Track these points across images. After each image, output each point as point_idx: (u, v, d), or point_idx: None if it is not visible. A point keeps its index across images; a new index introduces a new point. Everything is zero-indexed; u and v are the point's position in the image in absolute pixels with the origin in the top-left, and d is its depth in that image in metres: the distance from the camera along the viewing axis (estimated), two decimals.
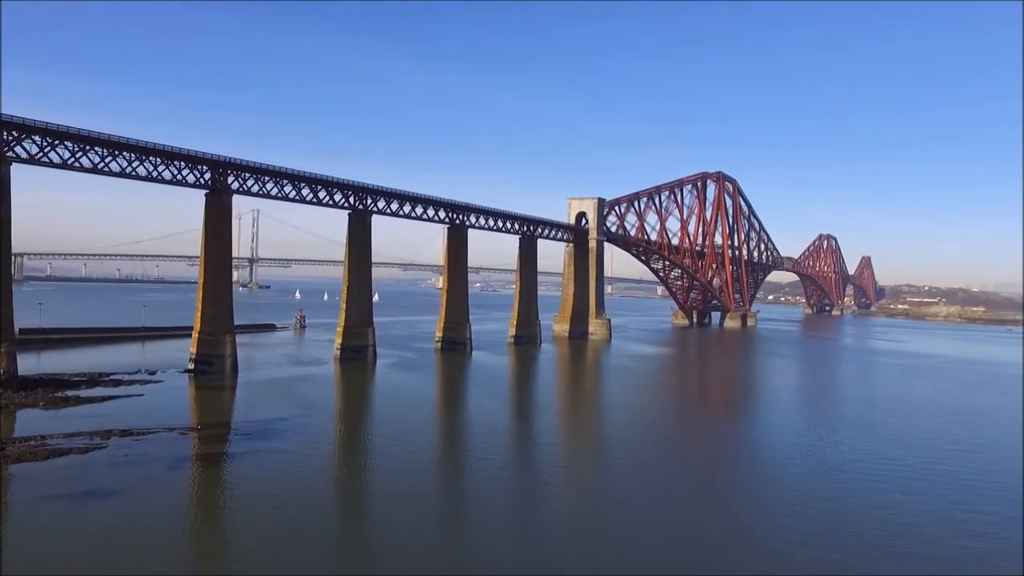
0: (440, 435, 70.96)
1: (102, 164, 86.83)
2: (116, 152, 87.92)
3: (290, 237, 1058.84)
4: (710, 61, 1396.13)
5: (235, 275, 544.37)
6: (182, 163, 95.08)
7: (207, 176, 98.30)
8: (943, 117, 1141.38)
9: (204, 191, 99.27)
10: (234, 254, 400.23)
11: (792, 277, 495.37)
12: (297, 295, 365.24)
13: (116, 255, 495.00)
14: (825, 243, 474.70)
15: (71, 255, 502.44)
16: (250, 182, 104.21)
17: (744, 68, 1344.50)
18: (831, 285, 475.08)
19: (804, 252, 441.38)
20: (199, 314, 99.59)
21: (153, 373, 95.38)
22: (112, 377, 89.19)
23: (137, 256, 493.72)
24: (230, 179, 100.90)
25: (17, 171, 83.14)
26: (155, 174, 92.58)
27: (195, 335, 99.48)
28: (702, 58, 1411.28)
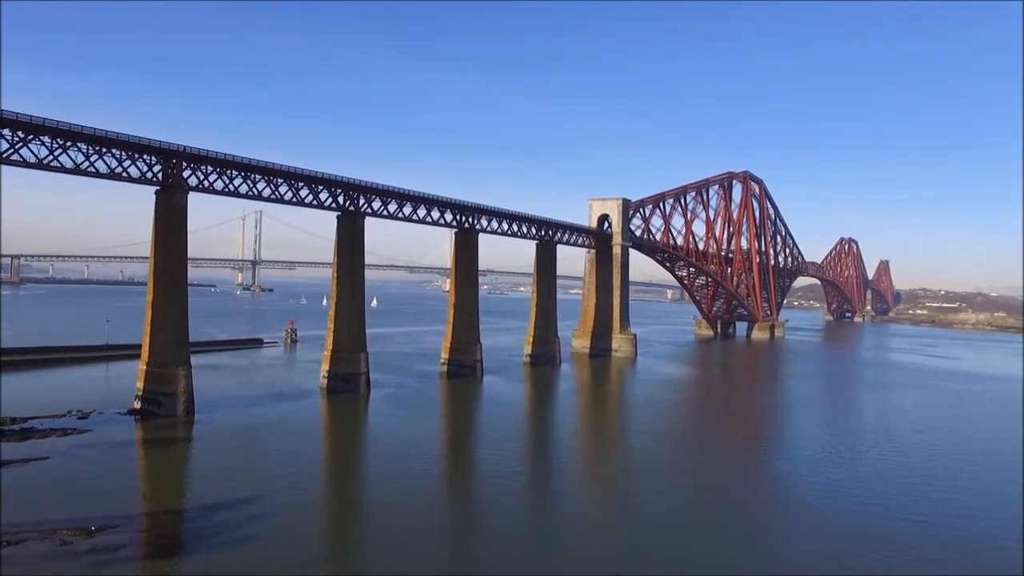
0: (445, 526, 51.21)
1: (10, 151, 67.25)
2: (29, 136, 68.46)
3: (294, 238, 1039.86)
4: (723, 64, 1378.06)
5: (238, 277, 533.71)
6: (122, 152, 75.58)
7: (156, 169, 78.83)
8: (945, 119, 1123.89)
9: (155, 188, 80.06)
10: (237, 256, 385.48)
11: (806, 281, 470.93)
12: (303, 300, 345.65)
13: (118, 257, 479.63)
14: (847, 247, 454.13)
15: (70, 257, 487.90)
16: (212, 177, 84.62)
17: (757, 72, 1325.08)
18: (853, 291, 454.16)
19: (827, 256, 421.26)
20: (147, 339, 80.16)
21: (85, 416, 75.76)
22: (27, 424, 69.70)
23: (139, 258, 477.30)
24: (186, 173, 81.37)
25: (20, 173, 65.74)
26: (85, 166, 73.07)
27: (142, 366, 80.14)
28: (715, 61, 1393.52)
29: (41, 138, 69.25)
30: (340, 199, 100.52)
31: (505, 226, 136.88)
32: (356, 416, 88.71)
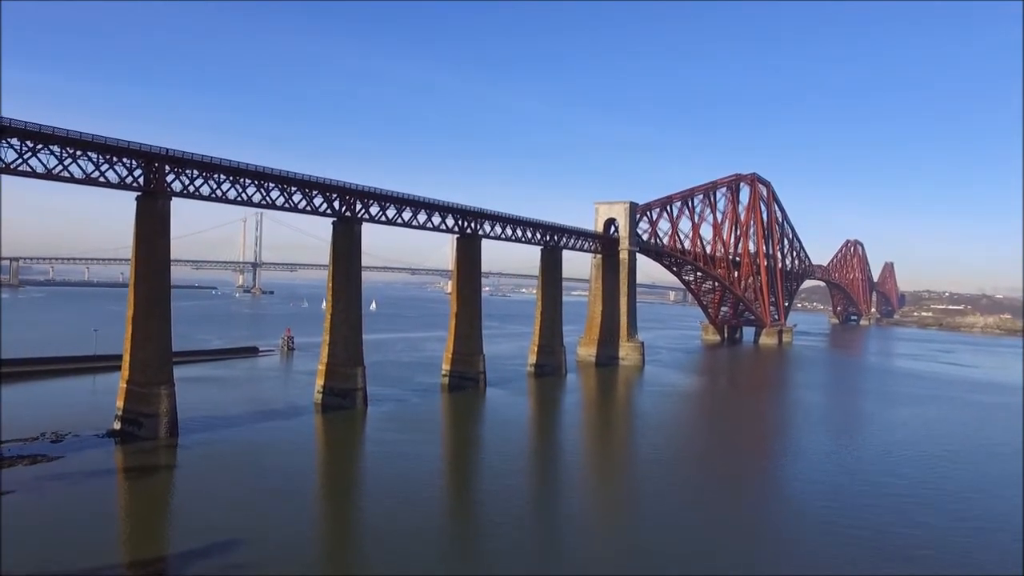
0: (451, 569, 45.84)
1: None
2: None
3: (296, 240, 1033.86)
4: (725, 65, 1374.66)
5: (239, 280, 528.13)
6: (99, 155, 70.27)
7: (137, 173, 73.52)
8: (946, 119, 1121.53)
9: (136, 193, 74.76)
10: (238, 258, 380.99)
11: (810, 283, 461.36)
12: (304, 303, 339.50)
13: (118, 259, 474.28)
14: (852, 249, 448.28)
15: (70, 259, 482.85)
16: (198, 181, 79.31)
17: (760, 73, 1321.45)
18: (859, 293, 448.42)
19: (833, 259, 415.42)
20: (127, 356, 74.95)
21: (60, 439, 70.46)
22: None
23: None
24: (169, 177, 76.05)
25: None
26: (58, 170, 67.75)
27: (122, 384, 74.88)
28: (718, 62, 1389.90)
29: (9, 140, 63.98)
30: (336, 204, 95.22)
31: (509, 231, 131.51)
32: (352, 438, 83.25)
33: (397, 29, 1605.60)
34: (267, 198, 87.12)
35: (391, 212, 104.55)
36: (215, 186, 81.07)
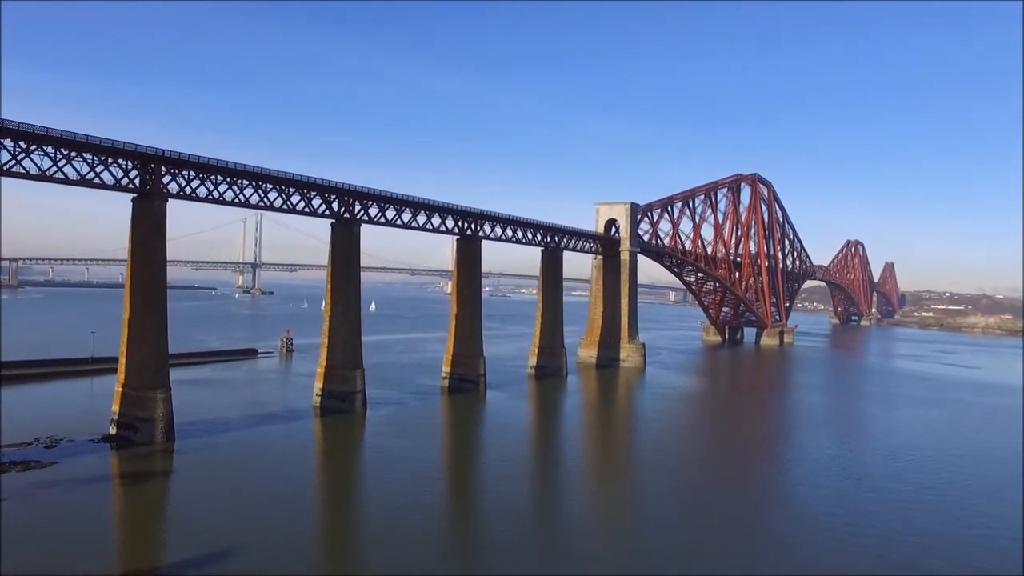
0: None
1: None
2: None
3: (295, 240, 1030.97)
4: (725, 65, 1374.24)
5: (239, 280, 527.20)
6: (94, 156, 69.40)
7: (132, 174, 72.64)
8: (946, 119, 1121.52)
9: (131, 194, 73.88)
10: (238, 259, 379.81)
11: (810, 283, 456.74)
12: (304, 304, 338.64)
13: (117, 260, 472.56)
14: (853, 249, 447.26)
15: (69, 260, 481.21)
16: (195, 183, 78.45)
17: (760, 73, 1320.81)
18: (860, 294, 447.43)
19: (833, 259, 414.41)
20: (123, 360, 74.03)
21: (54, 444, 69.53)
22: None
23: None
24: (166, 179, 75.20)
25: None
26: (52, 171, 66.87)
27: (118, 388, 74.00)
28: (717, 62, 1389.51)
29: (2, 141, 63.09)
30: (335, 206, 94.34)
31: (509, 232, 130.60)
32: (351, 441, 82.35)
33: (397, 29, 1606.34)
34: (265, 199, 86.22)
35: (390, 213, 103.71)
36: (212, 187, 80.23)
